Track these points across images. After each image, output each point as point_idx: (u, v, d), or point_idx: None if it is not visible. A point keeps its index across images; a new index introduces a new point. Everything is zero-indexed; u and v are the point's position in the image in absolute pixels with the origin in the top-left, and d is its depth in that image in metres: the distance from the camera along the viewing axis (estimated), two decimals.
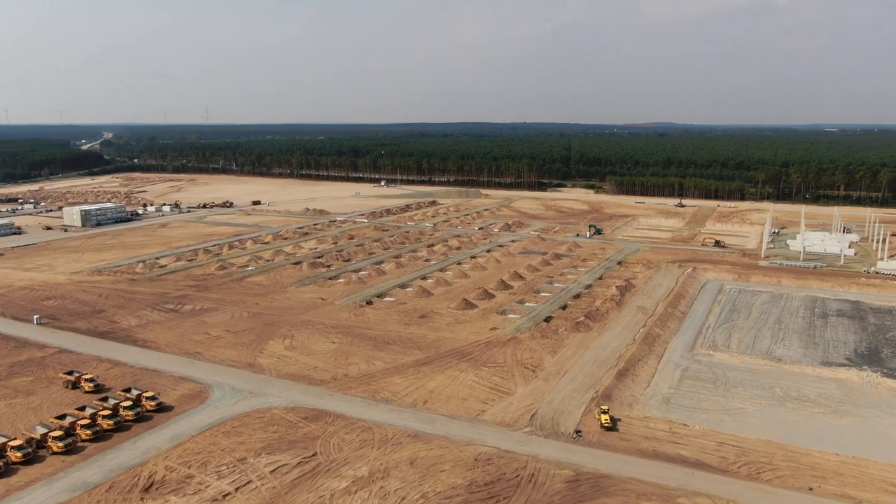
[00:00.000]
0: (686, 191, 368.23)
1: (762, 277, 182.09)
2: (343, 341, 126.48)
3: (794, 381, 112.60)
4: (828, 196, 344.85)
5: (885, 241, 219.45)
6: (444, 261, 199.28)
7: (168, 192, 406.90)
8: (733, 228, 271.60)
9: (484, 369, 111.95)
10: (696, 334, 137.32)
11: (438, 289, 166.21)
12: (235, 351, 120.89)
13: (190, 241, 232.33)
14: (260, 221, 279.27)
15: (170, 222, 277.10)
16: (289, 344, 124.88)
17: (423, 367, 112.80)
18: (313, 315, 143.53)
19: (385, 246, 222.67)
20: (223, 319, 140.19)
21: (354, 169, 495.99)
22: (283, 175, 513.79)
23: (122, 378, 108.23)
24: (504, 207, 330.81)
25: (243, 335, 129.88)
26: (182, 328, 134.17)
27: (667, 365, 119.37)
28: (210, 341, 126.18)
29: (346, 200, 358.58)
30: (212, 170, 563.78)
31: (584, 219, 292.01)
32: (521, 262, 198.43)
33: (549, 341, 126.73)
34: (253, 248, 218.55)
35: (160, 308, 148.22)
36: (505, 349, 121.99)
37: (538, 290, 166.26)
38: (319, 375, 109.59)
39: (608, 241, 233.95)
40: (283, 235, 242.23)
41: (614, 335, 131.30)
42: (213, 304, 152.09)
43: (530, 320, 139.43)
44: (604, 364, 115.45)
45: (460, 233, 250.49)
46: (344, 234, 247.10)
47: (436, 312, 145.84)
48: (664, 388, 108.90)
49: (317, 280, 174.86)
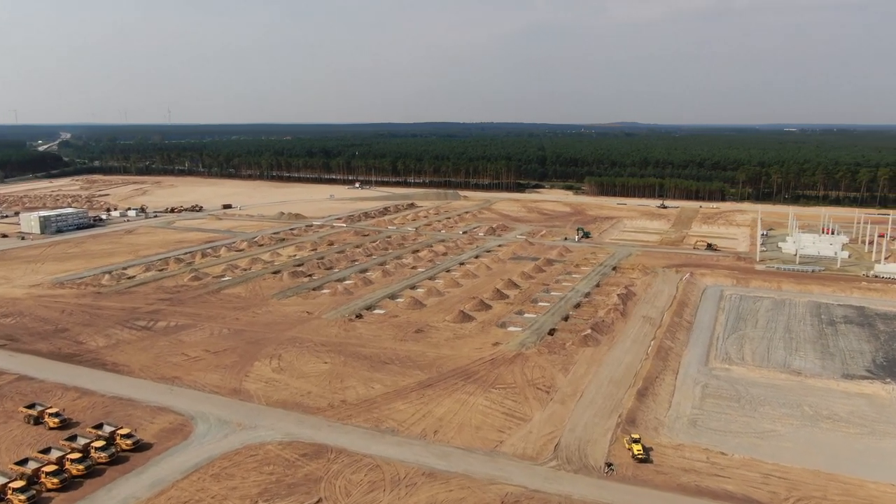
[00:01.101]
0: (666, 192, 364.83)
1: (762, 282, 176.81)
2: (336, 361, 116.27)
3: (821, 397, 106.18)
4: (807, 196, 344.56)
5: (874, 243, 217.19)
6: (433, 268, 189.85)
7: (132, 195, 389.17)
8: (720, 230, 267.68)
9: (494, 391, 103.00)
10: (708, 346, 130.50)
11: (431, 299, 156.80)
12: (218, 374, 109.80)
13: (159, 248, 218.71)
14: (232, 226, 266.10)
15: (136, 228, 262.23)
16: (276, 365, 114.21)
17: (427, 391, 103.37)
18: (300, 331, 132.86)
19: (368, 252, 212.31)
20: (202, 338, 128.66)
21: (327, 170, 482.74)
22: (253, 177, 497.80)
23: (92, 410, 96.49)
24: (485, 210, 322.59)
25: (225, 356, 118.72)
26: (157, 348, 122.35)
27: (685, 381, 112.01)
28: (189, 363, 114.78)
29: (320, 203, 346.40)
30: (178, 171, 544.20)
31: (568, 221, 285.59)
32: (513, 268, 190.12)
33: (557, 357, 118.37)
34: (228, 256, 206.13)
35: (131, 325, 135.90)
36: (512, 367, 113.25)
37: (535, 299, 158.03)
38: (314, 402, 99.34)
39: (598, 245, 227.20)
40: (259, 242, 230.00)
41: (625, 349, 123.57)
42: (190, 319, 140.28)
43: (534, 334, 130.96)
44: (621, 383, 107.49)
45: (444, 237, 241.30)
46: (323, 239, 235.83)
47: (432, 326, 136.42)
48: (688, 409, 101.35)
49: (299, 291, 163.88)
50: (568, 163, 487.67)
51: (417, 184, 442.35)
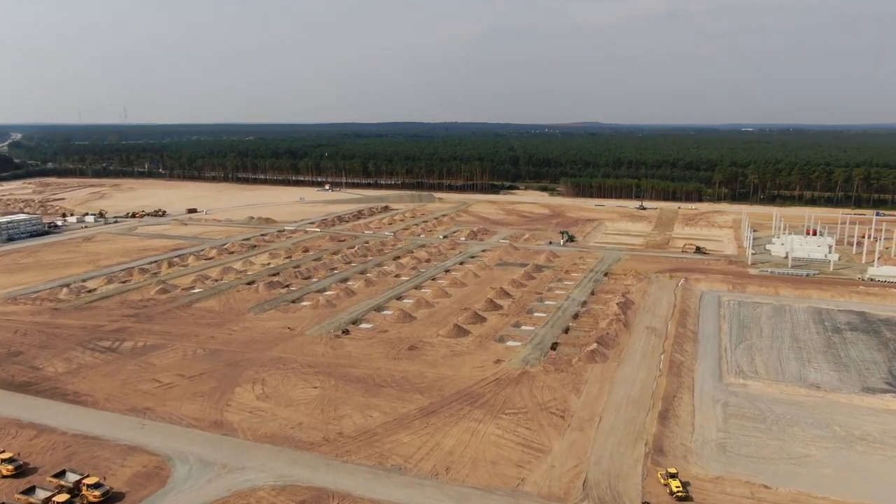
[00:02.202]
0: (643, 193, 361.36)
1: (758, 288, 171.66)
2: (326, 385, 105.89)
3: (848, 414, 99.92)
4: (783, 196, 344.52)
5: (860, 244, 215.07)
6: (417, 276, 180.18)
7: (90, 199, 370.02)
8: (703, 232, 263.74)
9: (504, 418, 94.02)
10: (718, 359, 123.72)
11: (420, 311, 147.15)
12: (195, 404, 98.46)
13: (121, 257, 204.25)
14: (199, 232, 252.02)
15: (95, 235, 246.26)
16: (261, 391, 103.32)
17: (430, 419, 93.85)
18: (283, 350, 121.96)
19: (346, 259, 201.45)
20: (174, 360, 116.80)
21: (295, 171, 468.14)
22: (218, 179, 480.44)
23: (52, 452, 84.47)
24: (462, 212, 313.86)
25: (202, 381, 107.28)
26: (124, 374, 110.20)
27: (703, 400, 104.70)
28: (162, 392, 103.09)
29: (291, 207, 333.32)
30: (137, 174, 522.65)
31: (549, 224, 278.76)
32: (502, 275, 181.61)
33: (566, 376, 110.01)
34: (197, 265, 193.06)
35: (94, 347, 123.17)
36: (520, 388, 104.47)
37: (530, 309, 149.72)
38: (307, 435, 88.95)
39: (584, 250, 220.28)
40: (229, 249, 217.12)
41: (636, 365, 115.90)
42: (159, 338, 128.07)
43: (536, 349, 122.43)
44: (639, 404, 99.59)
45: (425, 242, 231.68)
46: (297, 246, 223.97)
47: (426, 342, 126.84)
48: (713, 432, 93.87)
49: (278, 304, 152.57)
50: (541, 163, 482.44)
51: (389, 185, 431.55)
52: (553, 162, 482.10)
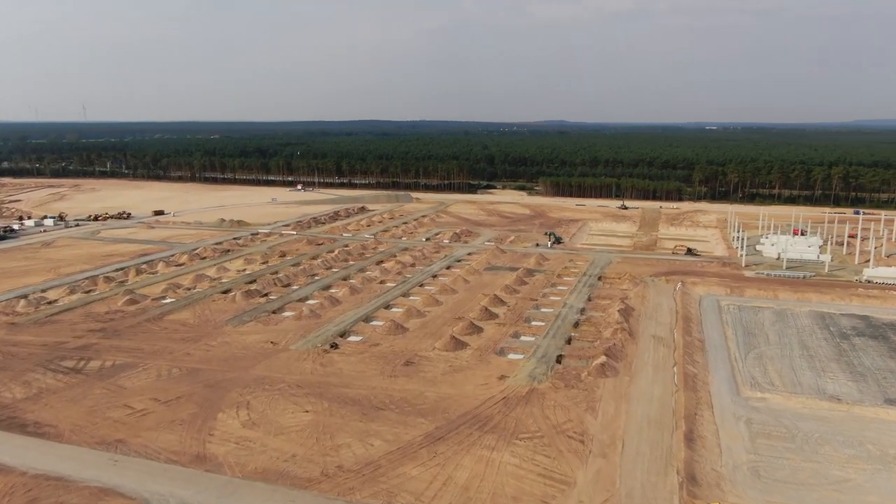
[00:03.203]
0: (623, 192, 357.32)
1: (756, 291, 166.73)
2: (319, 408, 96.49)
3: (878, 430, 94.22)
4: (762, 195, 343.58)
5: (846, 244, 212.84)
6: (404, 282, 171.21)
7: (48, 200, 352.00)
8: (689, 232, 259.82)
9: (519, 444, 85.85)
10: (731, 369, 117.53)
11: (412, 321, 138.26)
12: (174, 434, 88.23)
13: (84, 264, 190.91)
14: (168, 236, 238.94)
15: (55, 240, 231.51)
16: (247, 417, 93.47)
17: (438, 446, 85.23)
18: (268, 368, 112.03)
19: (327, 265, 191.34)
20: (147, 382, 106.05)
21: (265, 171, 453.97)
22: (184, 179, 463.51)
23: (11, 498, 73.64)
24: (442, 213, 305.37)
25: (180, 406, 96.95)
26: (91, 399, 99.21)
27: (724, 417, 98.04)
28: (135, 420, 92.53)
29: (263, 208, 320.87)
30: (99, 174, 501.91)
31: (532, 224, 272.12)
32: (492, 280, 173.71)
33: (577, 392, 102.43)
34: (167, 273, 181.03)
35: (56, 367, 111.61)
36: (530, 408, 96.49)
37: (528, 318, 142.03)
38: (303, 470, 79.56)
39: (573, 252, 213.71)
40: (201, 254, 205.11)
41: (649, 379, 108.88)
42: (130, 356, 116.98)
43: (540, 363, 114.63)
44: (661, 424, 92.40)
45: (407, 245, 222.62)
46: (273, 250, 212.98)
47: (422, 356, 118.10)
48: (742, 455, 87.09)
49: (258, 315, 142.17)
50: (517, 162, 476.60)
51: (364, 185, 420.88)
52: (529, 161, 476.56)
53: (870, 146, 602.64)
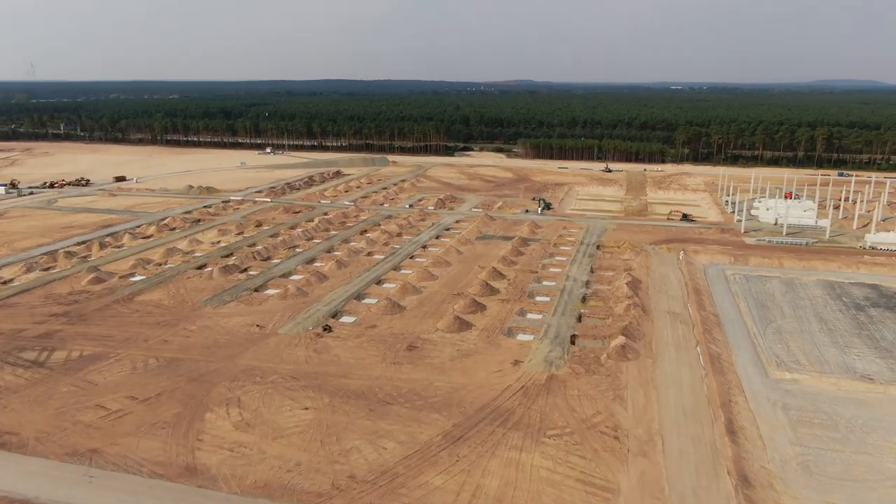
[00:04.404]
0: (605, 154, 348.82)
1: (761, 259, 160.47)
2: (319, 404, 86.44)
3: None
4: (745, 157, 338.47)
5: (840, 208, 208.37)
6: (393, 254, 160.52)
7: None
8: (678, 196, 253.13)
9: (548, 443, 77.28)
10: (753, 347, 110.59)
11: (408, 298, 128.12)
12: (157, 441, 77.43)
13: (41, 237, 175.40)
14: (132, 205, 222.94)
15: (7, 210, 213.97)
16: (238, 417, 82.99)
17: (459, 448, 76.19)
18: (256, 356, 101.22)
19: (308, 235, 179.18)
20: (121, 375, 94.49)
21: (232, 133, 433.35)
22: (145, 142, 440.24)
23: None
24: (422, 177, 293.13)
25: (161, 405, 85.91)
26: (58, 398, 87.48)
27: (758, 403, 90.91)
28: (110, 424, 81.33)
29: (232, 173, 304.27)
30: (52, 136, 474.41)
31: (516, 189, 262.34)
32: (486, 251, 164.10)
33: (600, 379, 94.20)
34: (134, 246, 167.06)
35: (15, 361, 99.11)
36: (553, 399, 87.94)
37: (531, 292, 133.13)
38: (310, 482, 69.82)
39: (565, 219, 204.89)
40: (170, 225, 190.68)
41: (673, 361, 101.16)
42: (99, 345, 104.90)
43: (554, 344, 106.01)
44: (698, 415, 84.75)
45: (391, 212, 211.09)
46: (248, 219, 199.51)
47: (425, 339, 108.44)
48: (786, 447, 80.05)
49: (238, 294, 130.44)
50: (493, 123, 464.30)
51: (336, 148, 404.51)
52: (506, 122, 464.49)
53: (841, 106, 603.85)
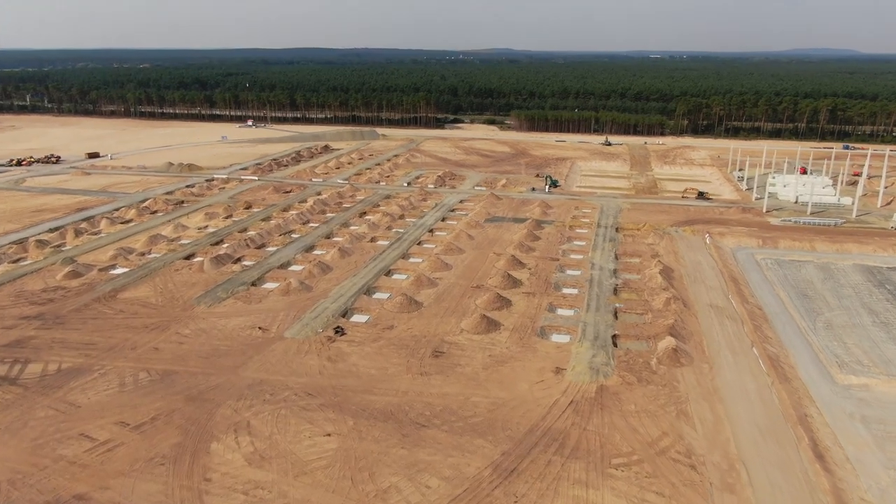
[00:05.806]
0: (603, 126, 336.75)
1: (791, 242, 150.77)
2: (343, 428, 74.66)
3: None
4: (746, 129, 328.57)
5: (854, 185, 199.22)
6: (398, 240, 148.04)
7: None
8: (685, 171, 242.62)
9: (616, 476, 66.56)
10: (808, 346, 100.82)
11: (424, 292, 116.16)
12: (156, 483, 65.23)
13: (9, 223, 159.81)
14: (108, 184, 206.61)
15: None
16: (251, 448, 70.95)
17: (514, 484, 65.19)
18: (262, 367, 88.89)
19: (303, 218, 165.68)
20: (108, 395, 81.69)
21: (210, 105, 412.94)
22: (118, 114, 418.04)
23: None
24: (416, 152, 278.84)
25: (157, 433, 73.50)
26: (35, 427, 74.60)
27: (834, 415, 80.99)
28: (98, 460, 68.83)
29: (213, 148, 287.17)
30: (17, 108, 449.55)
31: (517, 164, 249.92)
32: (498, 235, 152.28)
33: (655, 390, 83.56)
34: (113, 233, 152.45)
35: None
36: (609, 416, 77.13)
37: (556, 284, 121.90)
38: None
39: (574, 197, 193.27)
40: (151, 207, 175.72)
41: (732, 367, 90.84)
42: (80, 355, 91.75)
43: (596, 347, 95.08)
44: (776, 436, 74.55)
45: (389, 192, 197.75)
46: (236, 200, 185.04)
47: (450, 342, 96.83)
48: (880, 472, 70.31)
49: (234, 289, 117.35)
50: (483, 94, 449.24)
51: (321, 120, 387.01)
52: (496, 92, 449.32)
53: (831, 76, 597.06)
